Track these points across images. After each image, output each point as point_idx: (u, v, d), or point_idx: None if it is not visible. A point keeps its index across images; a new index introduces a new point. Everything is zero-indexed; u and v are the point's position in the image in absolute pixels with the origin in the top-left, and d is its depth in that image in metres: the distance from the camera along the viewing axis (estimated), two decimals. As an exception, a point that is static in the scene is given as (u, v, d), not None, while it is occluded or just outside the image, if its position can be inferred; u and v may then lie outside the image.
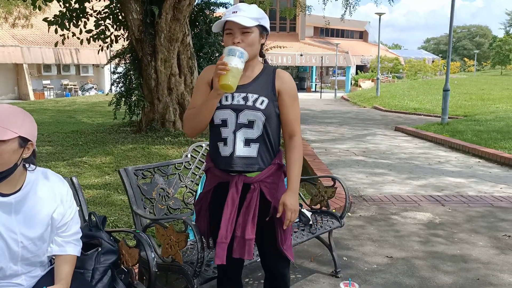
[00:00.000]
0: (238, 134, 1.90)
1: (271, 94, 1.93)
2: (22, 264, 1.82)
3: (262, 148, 1.93)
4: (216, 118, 1.92)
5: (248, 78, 1.95)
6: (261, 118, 1.89)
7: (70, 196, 1.95)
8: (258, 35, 1.92)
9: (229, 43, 1.87)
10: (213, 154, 1.99)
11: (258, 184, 1.93)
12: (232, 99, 1.91)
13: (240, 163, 1.90)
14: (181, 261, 2.31)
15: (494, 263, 3.45)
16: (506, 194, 5.41)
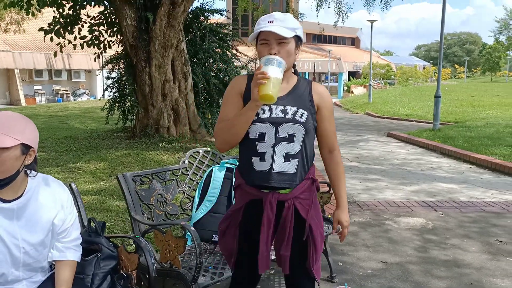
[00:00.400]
0: (277, 149, 1.81)
1: (310, 106, 1.87)
2: (23, 269, 1.83)
3: (300, 164, 1.85)
4: (253, 132, 1.82)
5: (284, 90, 1.87)
6: (302, 132, 1.82)
7: (71, 202, 1.97)
8: (294, 46, 1.85)
9: (265, 54, 1.80)
10: (246, 169, 1.89)
11: (292, 201, 1.85)
12: (270, 112, 1.82)
13: (278, 179, 1.82)
14: (179, 266, 2.33)
15: (486, 268, 3.50)
16: (498, 199, 5.49)
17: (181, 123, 8.68)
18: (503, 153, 8.20)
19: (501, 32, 62.20)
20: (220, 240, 2.02)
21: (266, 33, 1.80)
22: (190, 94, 8.81)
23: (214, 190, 2.96)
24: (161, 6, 7.72)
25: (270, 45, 1.80)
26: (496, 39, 62.93)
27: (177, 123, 8.68)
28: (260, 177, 1.83)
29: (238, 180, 1.95)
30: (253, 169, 1.84)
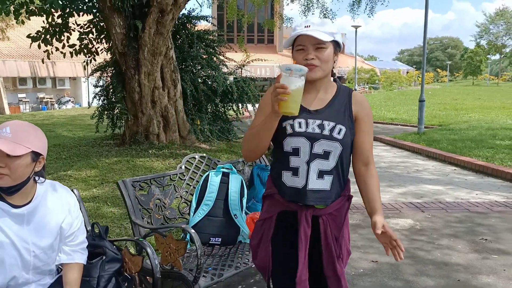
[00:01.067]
0: (312, 165, 1.72)
1: (348, 121, 1.77)
2: (33, 272, 1.89)
3: (335, 180, 1.77)
4: (287, 146, 1.74)
5: (322, 101, 1.79)
6: (338, 149, 1.73)
7: (77, 207, 2.04)
8: (333, 52, 1.75)
9: (301, 60, 1.71)
10: (277, 181, 1.81)
11: (326, 217, 1.78)
12: (307, 126, 1.74)
13: (313, 197, 1.74)
14: (181, 268, 2.41)
15: (473, 265, 3.64)
16: (482, 200, 5.67)
17: (170, 130, 8.73)
18: (486, 155, 8.43)
19: (481, 37, 63.52)
20: (254, 257, 1.92)
21: (303, 38, 1.71)
22: (179, 100, 8.87)
23: (211, 194, 3.04)
24: (150, 14, 7.78)
25: (307, 51, 1.71)
26: (477, 43, 64.26)
27: (166, 129, 8.73)
28: (293, 194, 1.76)
29: (271, 189, 1.85)
30: (282, 183, 1.78)
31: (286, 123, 1.75)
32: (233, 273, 2.61)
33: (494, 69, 72.49)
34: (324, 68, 1.73)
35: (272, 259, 1.83)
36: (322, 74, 1.74)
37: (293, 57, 1.77)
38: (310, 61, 1.70)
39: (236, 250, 2.91)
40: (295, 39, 1.74)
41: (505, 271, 3.51)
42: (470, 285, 3.28)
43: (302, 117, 1.74)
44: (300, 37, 1.72)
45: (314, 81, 1.77)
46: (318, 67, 1.72)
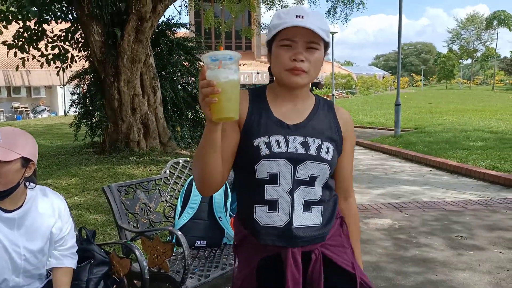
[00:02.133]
0: (296, 196, 1.35)
1: (337, 137, 1.44)
2: (23, 276, 1.92)
3: (326, 210, 1.42)
4: (261, 171, 1.34)
5: (300, 114, 1.42)
6: (327, 172, 1.39)
7: (67, 212, 2.08)
8: (323, 54, 1.39)
9: (287, 60, 1.33)
10: (248, 220, 1.40)
11: (319, 251, 1.40)
12: (287, 145, 1.35)
13: (304, 236, 1.36)
14: (168, 269, 2.46)
15: (450, 261, 3.78)
16: (457, 199, 5.86)
17: (151, 137, 8.74)
18: (460, 156, 8.69)
19: (453, 42, 65.28)
20: None
21: (293, 31, 1.31)
22: (160, 107, 8.89)
23: (196, 197, 3.10)
24: (129, 22, 7.81)
25: (297, 49, 1.32)
26: (449, 48, 65.98)
27: (147, 136, 8.73)
28: (272, 234, 1.35)
29: (241, 232, 1.45)
30: (255, 222, 1.37)
31: (259, 141, 1.35)
32: (219, 274, 2.67)
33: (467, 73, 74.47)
34: (312, 75, 1.37)
35: None
36: (308, 81, 1.37)
37: (274, 54, 1.37)
38: (299, 63, 1.32)
39: (222, 251, 2.97)
40: (280, 31, 1.33)
41: (480, 266, 3.65)
42: (447, 280, 3.41)
43: (279, 133, 1.36)
44: (288, 29, 1.31)
45: (292, 89, 1.41)
46: (306, 74, 1.35)
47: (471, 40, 61.80)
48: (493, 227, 4.66)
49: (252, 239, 1.40)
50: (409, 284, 3.34)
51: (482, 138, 11.14)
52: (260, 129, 1.37)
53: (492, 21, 50.87)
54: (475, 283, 3.34)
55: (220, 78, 1.13)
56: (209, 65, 1.15)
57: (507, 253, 3.93)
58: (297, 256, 1.36)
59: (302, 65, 1.33)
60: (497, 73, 61.27)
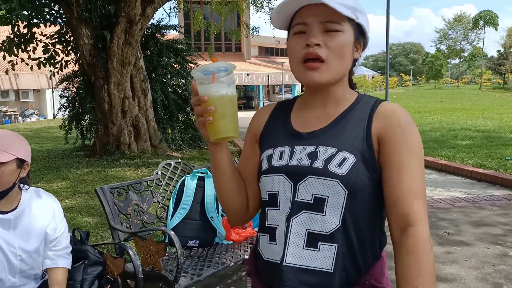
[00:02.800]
0: (294, 223, 1.03)
1: (364, 146, 1.03)
2: (19, 276, 1.96)
3: (345, 254, 1.03)
4: (262, 190, 1.11)
5: (326, 118, 1.10)
6: (340, 193, 1.00)
7: (61, 213, 2.11)
8: (353, 41, 1.06)
9: (299, 50, 1.04)
10: (256, 251, 1.16)
11: None
12: (291, 156, 1.07)
13: (296, 280, 1.02)
14: (161, 269, 2.50)
15: (437, 257, 3.86)
16: (444, 196, 5.97)
17: (142, 139, 8.75)
18: (448, 154, 8.83)
19: (441, 42, 65.99)
20: None
21: (305, 13, 1.03)
22: (150, 110, 8.91)
23: (188, 198, 3.15)
24: (118, 25, 7.83)
25: (310, 32, 1.03)
26: (437, 48, 66.69)
27: (138, 139, 8.75)
28: (267, 270, 1.09)
29: (250, 266, 1.20)
30: (260, 256, 1.12)
31: (264, 154, 1.12)
32: (212, 272, 2.72)
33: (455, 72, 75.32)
34: (335, 67, 1.03)
35: None
36: (331, 77, 1.04)
37: (288, 46, 1.09)
38: (314, 48, 1.01)
39: (214, 251, 3.02)
40: (294, 15, 1.07)
41: (466, 261, 3.74)
42: (435, 275, 3.49)
43: (288, 143, 1.09)
44: (300, 12, 1.05)
45: (318, 90, 1.10)
46: (325, 64, 1.03)
47: (458, 40, 62.54)
48: (480, 223, 4.77)
49: (254, 279, 1.17)
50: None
51: (469, 137, 11.32)
52: (269, 141, 1.13)
53: (479, 21, 51.53)
54: (462, 278, 3.42)
55: (211, 93, 1.00)
56: (200, 80, 1.02)
57: (493, 248, 4.02)
58: None
59: (318, 50, 1.01)
60: (485, 72, 62.06)
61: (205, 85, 1.01)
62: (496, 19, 50.40)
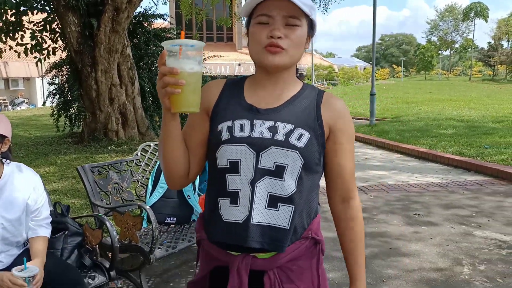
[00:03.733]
0: (258, 187, 1.18)
1: (315, 125, 1.23)
2: (2, 243, 2.13)
3: (298, 213, 1.21)
4: (222, 158, 1.21)
5: (278, 98, 1.26)
6: (298, 162, 1.18)
7: (41, 186, 2.28)
8: (306, 33, 1.23)
9: (263, 38, 1.18)
10: (210, 216, 1.25)
11: (275, 273, 1.22)
12: (252, 129, 1.21)
13: (260, 236, 1.17)
14: (138, 241, 2.68)
15: (405, 235, 4.09)
16: (420, 182, 6.20)
17: (129, 126, 8.88)
18: (430, 142, 9.07)
19: (432, 33, 66.28)
20: None
21: (268, 5, 1.17)
22: (137, 97, 9.03)
23: (166, 177, 3.32)
24: (105, 13, 7.91)
25: (274, 25, 1.18)
26: (428, 39, 66.99)
27: (125, 126, 8.87)
28: (229, 230, 1.19)
29: (199, 233, 1.32)
30: (219, 217, 1.21)
31: (222, 125, 1.23)
32: (186, 245, 2.91)
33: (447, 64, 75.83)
34: (292, 54, 1.21)
35: None
36: (287, 61, 1.21)
37: (251, 33, 1.23)
38: (277, 40, 1.17)
39: (190, 227, 3.21)
40: (256, 7, 1.20)
41: (431, 239, 3.97)
42: (400, 251, 3.71)
43: (245, 117, 1.23)
44: (264, 3, 1.18)
45: (273, 72, 1.25)
46: (284, 52, 1.19)
47: (449, 32, 62.86)
48: (449, 206, 5.00)
49: (206, 244, 1.29)
50: (366, 255, 3.63)
51: (453, 126, 11.57)
52: (226, 114, 1.24)
53: (469, 13, 51.87)
54: (425, 254, 3.65)
55: (186, 69, 1.06)
56: (169, 50, 1.07)
57: (458, 228, 4.26)
58: (243, 271, 1.19)
59: (280, 41, 1.17)
60: (475, 64, 62.46)
61: (175, 59, 1.06)
62: (487, 11, 50.77)
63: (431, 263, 3.47)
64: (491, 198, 5.24)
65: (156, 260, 2.68)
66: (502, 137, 9.36)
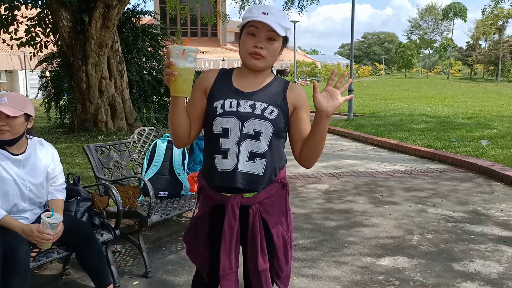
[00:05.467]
0: (242, 146, 1.68)
1: (282, 104, 1.75)
2: (28, 202, 2.61)
3: (269, 165, 1.72)
4: (217, 126, 1.71)
5: (256, 85, 1.77)
6: (270, 129, 1.70)
7: (57, 157, 2.77)
8: (280, 47, 1.75)
9: (250, 46, 1.69)
10: (208, 169, 1.77)
11: (257, 207, 1.73)
12: (238, 106, 1.71)
13: (243, 179, 1.69)
14: (137, 208, 3.18)
15: (368, 212, 4.66)
16: (387, 169, 6.81)
17: (118, 118, 9.31)
18: (402, 136, 9.70)
19: (412, 32, 67.58)
20: (189, 253, 1.93)
21: (257, 24, 1.67)
22: (126, 90, 9.46)
23: (159, 157, 3.82)
24: (96, 9, 8.32)
25: (258, 38, 1.69)
26: (408, 38, 68.26)
27: (114, 117, 9.30)
28: (222, 177, 1.70)
29: (201, 182, 1.83)
30: (215, 169, 1.72)
31: (217, 103, 1.73)
32: (177, 213, 3.42)
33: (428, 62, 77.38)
34: (269, 61, 1.72)
35: (210, 254, 1.83)
36: (265, 65, 1.73)
37: (241, 40, 1.72)
38: (259, 50, 1.68)
39: (179, 199, 3.71)
40: (247, 22, 1.70)
41: (390, 215, 4.55)
42: (362, 224, 4.28)
43: (233, 97, 1.73)
44: (254, 22, 1.67)
45: (253, 69, 1.77)
46: (264, 59, 1.71)
47: (428, 31, 64.19)
48: (410, 189, 5.61)
49: (207, 189, 1.78)
50: (331, 226, 4.21)
51: (425, 122, 12.24)
52: (219, 95, 1.74)
53: (449, 12, 53.14)
54: (383, 226, 4.22)
55: (179, 65, 1.57)
56: (175, 50, 1.58)
57: (414, 206, 4.85)
58: (236, 206, 1.70)
59: (261, 51, 1.68)
60: (455, 63, 63.93)
61: (177, 57, 1.58)
62: (465, 11, 52.10)
63: (387, 232, 4.04)
64: (448, 183, 5.87)
65: (152, 224, 3.18)
66: (468, 131, 10.04)
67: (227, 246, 1.72)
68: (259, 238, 1.73)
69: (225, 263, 1.72)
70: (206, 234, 1.81)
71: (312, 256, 3.53)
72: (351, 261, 3.44)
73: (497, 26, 50.26)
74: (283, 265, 1.79)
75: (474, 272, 3.21)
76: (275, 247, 1.76)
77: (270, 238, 1.76)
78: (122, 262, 3.43)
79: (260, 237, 1.73)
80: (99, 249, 2.68)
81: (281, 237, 1.78)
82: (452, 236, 3.95)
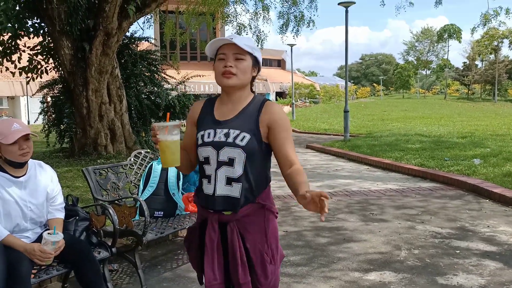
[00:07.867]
0: (219, 173, 1.85)
1: (254, 128, 1.85)
2: (30, 222, 2.78)
3: (245, 188, 1.86)
4: (200, 155, 1.90)
5: (233, 111, 1.91)
6: (242, 155, 1.82)
7: (56, 178, 2.96)
8: (251, 65, 1.89)
9: (220, 68, 1.85)
10: (198, 190, 1.99)
11: (234, 224, 1.88)
12: (214, 136, 1.87)
13: (222, 202, 1.86)
14: (132, 226, 3.34)
15: (358, 229, 4.80)
16: (380, 188, 6.97)
17: (117, 141, 9.51)
18: (396, 155, 9.86)
19: (408, 53, 68.52)
20: (188, 255, 2.12)
21: (224, 47, 1.85)
22: (125, 114, 9.68)
23: (155, 178, 4.00)
24: (96, 37, 8.61)
25: (227, 59, 1.84)
26: (405, 59, 69.19)
27: (113, 141, 9.50)
28: (205, 199, 1.90)
29: (195, 198, 2.04)
30: (202, 191, 1.92)
31: (198, 134, 1.92)
32: (172, 231, 3.58)
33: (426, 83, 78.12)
34: (241, 78, 1.84)
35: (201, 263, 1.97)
36: (237, 82, 1.84)
37: (214, 66, 1.88)
38: (228, 68, 1.82)
39: (174, 219, 3.87)
40: (218, 49, 1.88)
41: (380, 232, 4.70)
42: (352, 240, 4.43)
43: (211, 127, 1.89)
44: (222, 47, 1.86)
45: (230, 92, 1.90)
46: (235, 76, 1.83)
47: (424, 52, 65.05)
48: (401, 207, 5.76)
49: (198, 206, 1.99)
50: (322, 242, 4.36)
51: (420, 141, 12.40)
52: (201, 126, 1.93)
53: (443, 34, 53.93)
54: (371, 242, 4.37)
55: (167, 139, 1.78)
56: (160, 127, 1.79)
57: (404, 223, 5.00)
58: (214, 223, 1.87)
59: (231, 69, 1.81)
60: (452, 83, 64.54)
61: (163, 133, 1.78)
62: (460, 32, 52.90)
63: (375, 248, 4.19)
64: (438, 201, 6.02)
65: (147, 242, 3.34)
66: (462, 150, 10.20)
67: (210, 258, 1.88)
68: (238, 252, 1.85)
69: (209, 274, 1.88)
70: (197, 245, 1.98)
71: (302, 271, 3.67)
72: (339, 276, 3.57)
73: (493, 46, 50.99)
74: (262, 279, 1.89)
75: (456, 286, 3.35)
76: (252, 262, 1.87)
77: (248, 253, 1.88)
78: (119, 280, 3.57)
79: (240, 251, 1.85)
80: (96, 266, 2.83)
81: (258, 253, 1.88)
82: (438, 251, 4.09)
